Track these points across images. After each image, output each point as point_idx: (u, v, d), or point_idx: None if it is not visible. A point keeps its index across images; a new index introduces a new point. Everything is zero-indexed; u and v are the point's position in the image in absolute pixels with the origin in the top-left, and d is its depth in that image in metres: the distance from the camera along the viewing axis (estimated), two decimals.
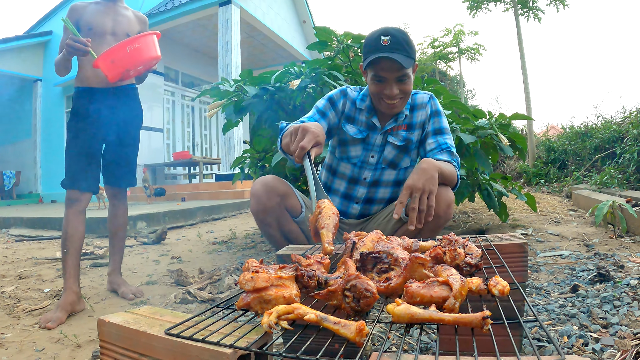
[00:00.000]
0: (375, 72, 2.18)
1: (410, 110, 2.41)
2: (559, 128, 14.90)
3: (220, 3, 11.02)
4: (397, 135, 2.38)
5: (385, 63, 2.13)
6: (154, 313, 1.04)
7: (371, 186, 2.44)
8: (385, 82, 2.18)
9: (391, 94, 2.18)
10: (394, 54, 2.09)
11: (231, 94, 3.64)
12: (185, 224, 6.83)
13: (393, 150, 2.39)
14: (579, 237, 3.69)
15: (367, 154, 2.40)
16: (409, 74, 2.18)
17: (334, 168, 2.51)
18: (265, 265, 1.01)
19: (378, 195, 2.46)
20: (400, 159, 2.41)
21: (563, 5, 14.29)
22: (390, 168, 2.42)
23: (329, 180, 2.54)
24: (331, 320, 0.77)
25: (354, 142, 2.39)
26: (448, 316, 0.76)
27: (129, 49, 2.51)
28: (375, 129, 2.38)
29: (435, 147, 2.34)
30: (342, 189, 2.49)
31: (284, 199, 2.25)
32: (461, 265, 1.03)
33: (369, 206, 2.48)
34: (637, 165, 6.17)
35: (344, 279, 0.87)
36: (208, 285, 2.93)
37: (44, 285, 3.27)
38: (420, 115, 2.41)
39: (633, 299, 2.07)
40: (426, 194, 1.91)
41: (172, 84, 14.14)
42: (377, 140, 2.38)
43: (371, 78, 2.23)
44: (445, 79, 27.29)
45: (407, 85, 2.21)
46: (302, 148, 1.70)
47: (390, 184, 2.46)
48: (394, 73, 2.15)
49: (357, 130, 2.38)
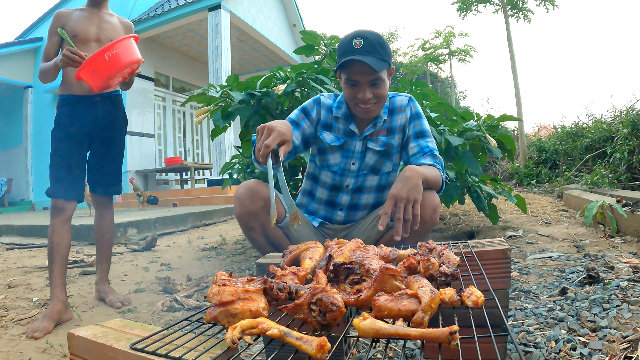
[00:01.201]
0: (348, 76, 2.15)
1: (389, 114, 2.37)
2: (551, 128, 14.96)
3: (210, 8, 11.01)
4: (377, 140, 2.34)
5: (357, 66, 2.09)
6: (124, 326, 1.03)
7: (354, 193, 2.41)
8: (358, 86, 2.15)
9: (364, 97, 2.15)
10: (366, 57, 2.06)
11: (218, 99, 3.62)
12: (176, 230, 6.80)
13: (374, 156, 2.35)
14: (570, 238, 3.68)
15: (348, 161, 2.36)
16: (382, 77, 2.14)
17: (316, 176, 2.48)
18: (235, 277, 0.99)
19: (362, 202, 2.43)
20: (381, 164, 2.37)
21: (553, 6, 14.35)
22: (373, 174, 2.38)
23: (313, 188, 2.51)
24: (294, 336, 0.75)
25: (332, 150, 2.36)
26: (414, 331, 0.73)
27: (107, 56, 2.48)
28: (353, 135, 2.34)
29: (417, 151, 2.30)
30: (325, 196, 2.46)
31: (267, 203, 2.16)
32: (435, 275, 1.00)
33: (353, 212, 2.45)
34: (627, 164, 6.18)
35: (310, 292, 0.85)
36: (195, 292, 2.92)
37: (33, 294, 3.25)
38: (400, 118, 2.37)
39: (623, 301, 2.06)
40: (411, 203, 1.88)
41: (162, 90, 14.11)
42: (357, 147, 2.35)
43: (344, 82, 2.20)
44: (436, 81, 27.41)
45: (381, 89, 2.17)
46: (266, 146, 1.67)
47: (374, 190, 2.42)
48: (367, 77, 2.11)
49: (334, 137, 2.35)
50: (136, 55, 2.66)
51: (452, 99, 25.52)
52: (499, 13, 14.99)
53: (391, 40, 28.78)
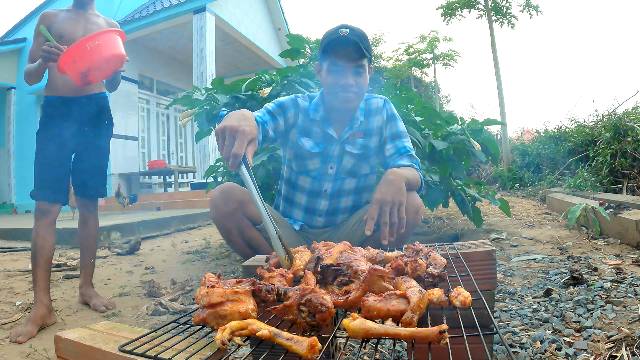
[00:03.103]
0: (332, 61, 2.16)
1: (365, 116, 2.38)
2: (534, 132, 15.07)
3: (195, 10, 10.99)
4: (355, 143, 2.35)
5: (342, 51, 2.12)
6: (111, 329, 1.02)
7: (333, 197, 2.40)
8: (342, 72, 2.15)
9: (347, 83, 2.15)
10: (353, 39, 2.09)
11: (203, 102, 3.61)
12: (160, 234, 6.76)
13: (351, 159, 2.36)
14: (553, 240, 3.72)
15: (326, 165, 2.35)
16: (365, 66, 2.17)
17: (293, 181, 2.46)
18: (223, 279, 0.98)
19: (341, 205, 2.43)
20: (359, 167, 2.38)
21: (536, 12, 14.47)
22: (350, 177, 2.39)
23: (290, 194, 2.48)
24: (284, 337, 0.75)
25: (312, 156, 2.34)
26: (404, 331, 0.73)
27: (89, 46, 2.46)
28: (332, 139, 2.34)
29: (394, 152, 2.35)
30: (303, 202, 2.44)
31: (242, 205, 2.17)
32: (423, 276, 1.01)
33: (333, 217, 2.45)
34: (609, 168, 6.25)
35: (299, 293, 0.85)
36: (180, 296, 2.91)
37: (16, 298, 3.21)
38: (377, 120, 2.38)
39: (606, 301, 2.08)
40: (396, 206, 1.91)
41: (146, 92, 14.04)
42: (335, 151, 2.34)
43: (327, 70, 2.20)
44: (420, 85, 27.51)
45: (363, 78, 2.19)
46: (235, 156, 1.45)
47: (352, 192, 2.43)
48: (351, 62, 2.12)
49: (313, 144, 2.33)
50: (119, 50, 2.63)
51: (435, 103, 25.62)
52: (483, 18, 15.08)
53: (376, 44, 28.85)
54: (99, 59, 2.53)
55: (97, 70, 2.60)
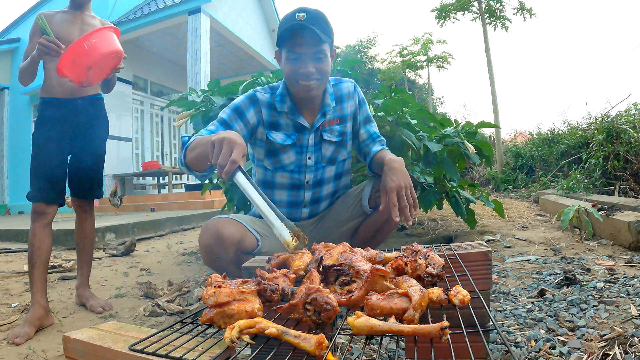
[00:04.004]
0: (290, 49, 2.08)
1: (337, 101, 2.36)
2: (527, 134, 15.13)
3: (190, 12, 10.98)
4: (332, 131, 2.33)
5: (300, 37, 2.03)
6: (119, 329, 1.03)
7: (315, 187, 2.39)
8: (301, 60, 2.08)
9: (307, 71, 2.08)
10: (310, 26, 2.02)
11: (199, 104, 3.62)
12: (154, 235, 6.75)
13: (330, 147, 2.35)
14: (546, 241, 3.75)
15: (303, 156, 2.31)
16: (325, 51, 2.09)
17: (269, 181, 2.38)
18: (228, 280, 1.00)
19: (323, 193, 2.43)
20: (337, 153, 2.38)
21: (530, 15, 14.54)
22: (330, 164, 2.38)
23: (268, 194, 2.34)
24: (292, 334, 0.77)
25: (285, 149, 2.29)
26: (407, 327, 0.76)
27: (86, 45, 2.44)
28: (304, 129, 2.29)
29: (367, 138, 2.44)
30: (285, 198, 2.39)
31: (239, 244, 2.04)
32: (422, 275, 1.03)
33: (317, 206, 2.45)
34: (602, 170, 6.28)
35: (305, 293, 0.87)
36: (177, 297, 2.90)
37: (12, 299, 3.20)
38: (350, 106, 2.38)
39: (599, 301, 2.11)
40: (408, 189, 2.02)
41: (140, 93, 14.01)
42: (310, 140, 2.31)
43: (286, 58, 2.12)
44: (414, 87, 27.59)
45: (324, 64, 2.12)
46: (233, 162, 1.47)
47: (332, 180, 2.43)
48: (310, 48, 2.05)
49: (284, 136, 2.26)
50: (116, 46, 2.62)
51: (429, 105, 25.69)
52: (477, 21, 15.15)
53: (370, 46, 28.87)
54: (98, 56, 2.51)
55: (97, 68, 2.59)
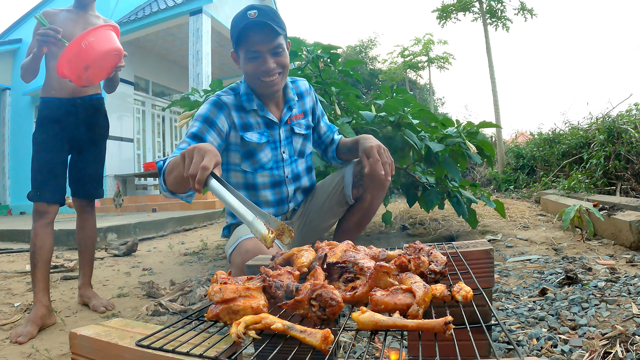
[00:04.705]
0: (248, 48, 2.07)
1: (299, 97, 2.42)
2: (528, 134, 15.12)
3: (191, 12, 11.00)
4: (300, 125, 2.39)
5: (256, 35, 2.04)
6: (125, 325, 1.04)
7: (294, 181, 2.41)
8: (260, 58, 2.08)
9: (268, 68, 2.08)
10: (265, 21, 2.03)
11: (201, 104, 3.63)
12: (156, 235, 6.77)
13: (299, 140, 2.40)
14: (548, 241, 3.75)
15: (278, 152, 2.33)
16: (282, 45, 2.11)
17: (250, 183, 2.34)
18: (233, 276, 1.01)
19: (302, 185, 2.45)
20: (305, 146, 2.44)
21: (531, 15, 14.54)
22: (300, 157, 2.42)
23: (252, 196, 2.35)
24: (298, 329, 0.78)
25: (261, 147, 2.28)
26: (411, 322, 0.77)
27: (84, 44, 2.44)
28: (273, 124, 2.30)
29: (327, 130, 2.61)
30: (270, 197, 2.36)
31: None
32: (425, 272, 1.04)
33: (297, 196, 2.47)
34: (603, 170, 6.28)
35: (310, 289, 0.88)
36: (180, 296, 2.91)
37: (14, 299, 3.21)
38: (309, 101, 2.48)
39: (601, 300, 2.11)
40: (386, 150, 2.14)
41: (142, 94, 14.03)
42: (281, 134, 2.33)
43: (244, 58, 2.12)
44: (415, 88, 27.60)
45: (284, 57, 2.13)
46: (204, 168, 1.35)
47: (305, 172, 2.48)
48: (267, 45, 2.06)
49: (258, 135, 2.26)
50: (115, 44, 2.62)
51: (430, 106, 25.70)
52: (478, 21, 15.17)
53: (371, 47, 28.90)
54: (96, 55, 2.51)
55: (96, 67, 2.59)
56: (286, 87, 2.33)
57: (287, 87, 2.34)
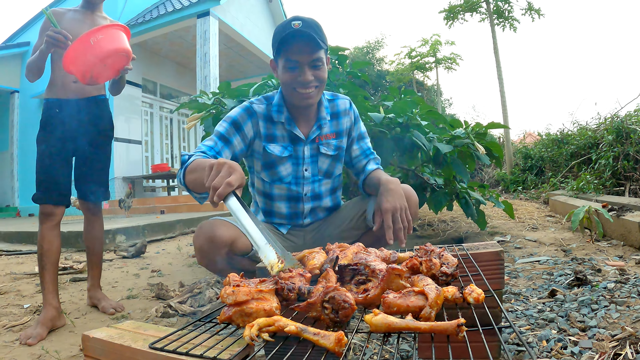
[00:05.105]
0: (288, 57, 2.06)
1: (333, 117, 2.36)
2: (536, 135, 15.07)
3: (199, 15, 11.03)
4: (329, 145, 2.33)
5: (298, 45, 2.03)
6: (137, 328, 1.04)
7: (314, 200, 2.38)
8: (299, 68, 2.07)
9: (305, 79, 2.07)
10: (309, 32, 2.01)
11: (209, 106, 3.64)
12: (164, 237, 6.79)
13: (327, 160, 2.34)
14: (557, 242, 3.74)
15: (299, 168, 2.31)
16: (322, 59, 2.10)
17: (267, 192, 2.37)
18: (245, 279, 1.02)
19: (322, 205, 2.42)
20: (334, 167, 2.38)
21: (538, 15, 14.49)
22: (326, 178, 2.38)
23: (268, 205, 2.40)
24: (311, 332, 0.79)
25: (282, 161, 2.28)
26: (424, 324, 0.77)
27: (92, 40, 2.41)
28: (298, 140, 2.28)
29: (360, 154, 2.44)
30: (284, 210, 2.37)
31: (232, 246, 2.03)
32: (437, 274, 1.05)
33: (315, 214, 2.44)
34: (612, 170, 6.26)
35: (323, 291, 0.89)
36: (189, 298, 2.91)
37: (24, 300, 3.22)
38: (346, 122, 2.38)
39: (610, 301, 2.11)
40: (404, 211, 1.99)
41: (150, 96, 14.08)
42: (306, 151, 2.30)
43: (283, 67, 2.11)
44: (423, 89, 27.54)
45: (322, 71, 2.12)
46: (229, 184, 1.38)
47: (329, 193, 2.44)
48: (308, 56, 2.05)
49: (281, 148, 2.26)
50: (123, 45, 2.59)
51: (438, 107, 25.64)
52: (485, 22, 15.13)
53: (378, 48, 28.87)
54: (103, 53, 2.48)
55: (101, 66, 2.55)
56: (320, 104, 2.29)
57: (321, 104, 2.30)
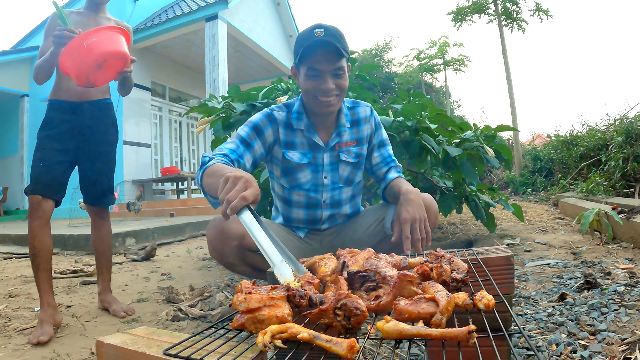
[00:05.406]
0: (310, 65, 2.07)
1: (354, 124, 2.36)
2: (545, 136, 15.05)
3: (207, 18, 11.06)
4: (349, 152, 2.33)
5: (320, 54, 2.03)
6: (151, 333, 1.05)
7: (333, 207, 2.39)
8: (321, 76, 2.07)
9: (327, 88, 2.07)
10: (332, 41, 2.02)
11: (219, 110, 3.66)
12: (174, 240, 6.83)
13: (347, 168, 2.34)
14: (566, 245, 3.74)
15: (319, 175, 2.32)
16: (344, 67, 2.10)
17: (286, 198, 2.39)
18: (257, 286, 1.03)
19: (341, 212, 2.43)
20: (354, 175, 2.38)
21: (547, 16, 14.48)
22: (347, 185, 2.38)
23: (286, 211, 2.42)
24: (323, 339, 0.79)
25: (301, 168, 2.28)
26: (435, 331, 0.78)
27: (85, 43, 2.36)
28: (318, 147, 2.28)
29: (381, 161, 2.41)
30: (302, 216, 2.39)
31: (242, 239, 2.03)
32: (447, 281, 1.06)
33: (334, 220, 2.45)
34: (622, 172, 6.25)
35: (335, 298, 0.90)
36: (199, 302, 2.92)
37: (34, 303, 3.24)
38: (367, 129, 2.38)
39: (620, 305, 2.11)
40: (423, 222, 1.98)
41: (159, 99, 14.13)
42: (325, 159, 2.30)
43: (305, 74, 2.11)
44: (431, 91, 27.57)
45: (344, 80, 2.12)
46: (243, 198, 1.37)
47: (349, 200, 2.44)
48: (330, 64, 2.05)
49: (300, 155, 2.27)
50: (119, 47, 2.53)
51: (446, 108, 25.66)
52: (494, 23, 15.16)
53: (386, 50, 28.90)
54: (96, 56, 2.43)
55: (97, 69, 2.50)
56: (340, 112, 2.29)
57: (341, 112, 2.30)
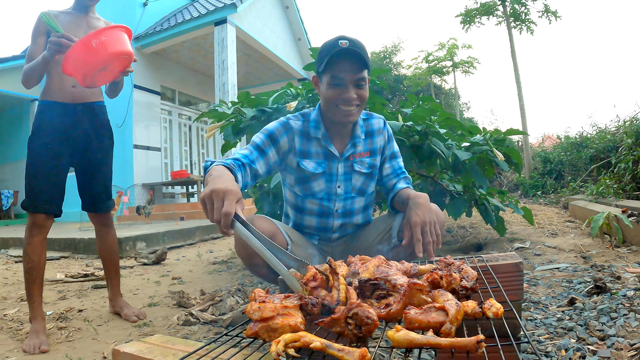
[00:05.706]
0: (334, 74, 2.09)
1: (367, 135, 2.38)
2: (555, 138, 14.99)
3: (216, 22, 11.09)
4: (363, 163, 2.35)
5: (344, 63, 2.07)
6: (166, 342, 1.07)
7: (345, 217, 2.40)
8: (343, 86, 2.09)
9: (349, 97, 2.09)
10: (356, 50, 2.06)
11: (229, 115, 3.68)
12: (184, 244, 6.85)
13: (360, 178, 2.36)
14: (576, 248, 3.73)
15: (332, 185, 2.32)
16: (366, 79, 2.14)
17: (299, 206, 2.40)
18: (270, 294, 1.05)
19: (353, 221, 2.44)
20: (367, 185, 2.39)
21: (555, 17, 14.44)
22: (360, 196, 2.39)
23: (298, 218, 2.44)
24: (335, 348, 0.81)
25: (315, 177, 2.30)
26: (445, 341, 0.80)
27: (94, 43, 2.33)
28: (333, 157, 2.30)
29: (391, 172, 2.43)
30: (314, 224, 2.41)
31: None
32: (457, 289, 1.07)
33: (345, 229, 2.46)
34: (632, 174, 6.21)
35: (347, 307, 0.92)
36: (210, 306, 2.93)
37: (46, 307, 3.24)
38: (380, 140, 2.40)
39: (630, 310, 2.11)
40: (433, 225, 2.00)
41: (168, 103, 14.18)
42: (339, 169, 2.31)
43: (327, 83, 2.13)
44: (440, 93, 27.51)
45: (364, 91, 2.15)
46: (226, 214, 1.39)
47: (361, 211, 2.45)
48: (353, 75, 2.08)
49: (315, 164, 2.28)
50: (126, 47, 2.51)
51: (455, 111, 25.62)
52: (502, 25, 15.13)
53: (395, 52, 28.89)
54: (106, 56, 2.41)
55: (103, 69, 2.48)
56: (356, 122, 2.32)
57: (357, 123, 2.32)
